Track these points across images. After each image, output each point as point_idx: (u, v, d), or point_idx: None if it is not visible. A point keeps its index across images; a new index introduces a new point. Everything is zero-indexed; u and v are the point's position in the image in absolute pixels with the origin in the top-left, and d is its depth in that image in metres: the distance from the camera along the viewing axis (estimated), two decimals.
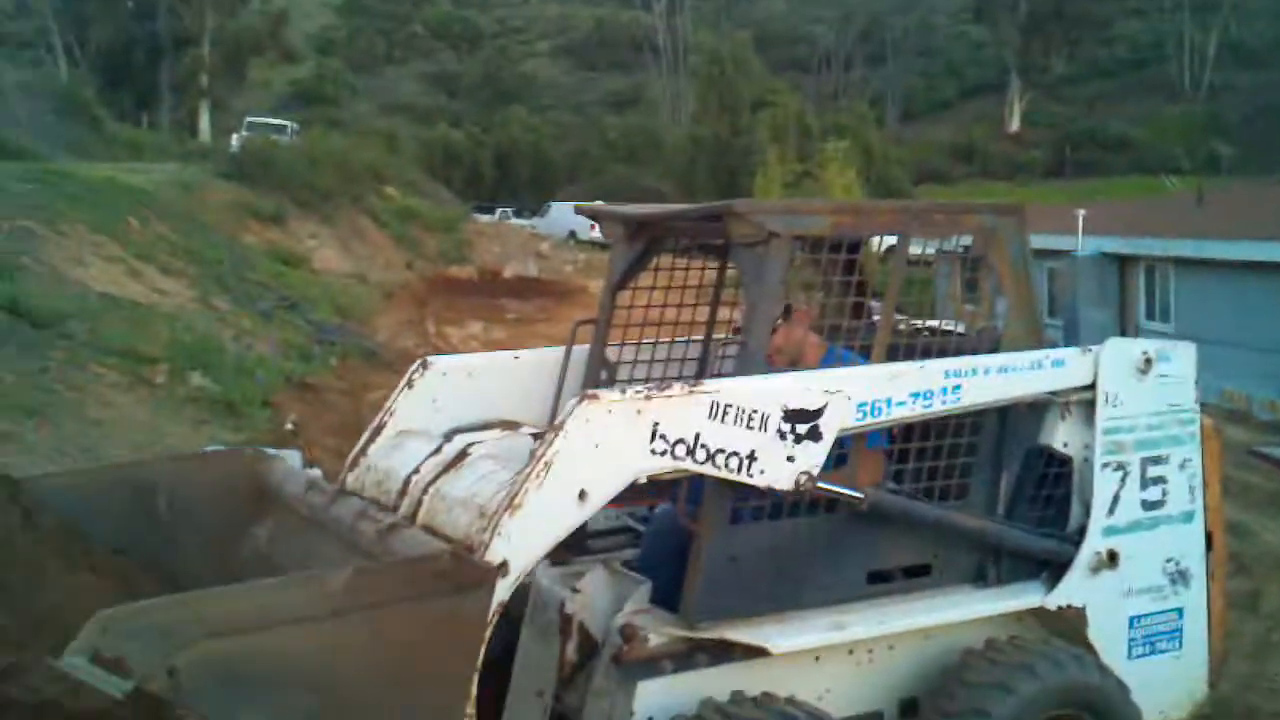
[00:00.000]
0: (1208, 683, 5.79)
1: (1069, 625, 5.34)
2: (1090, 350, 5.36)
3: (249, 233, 26.74)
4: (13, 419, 10.36)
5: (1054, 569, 5.36)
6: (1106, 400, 5.36)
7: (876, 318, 5.37)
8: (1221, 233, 21.40)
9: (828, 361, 5.15)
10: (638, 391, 4.22)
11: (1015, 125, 67.58)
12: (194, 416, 12.80)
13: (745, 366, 4.62)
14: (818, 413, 4.48)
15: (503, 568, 3.92)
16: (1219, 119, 62.61)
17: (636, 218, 5.27)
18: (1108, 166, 60.42)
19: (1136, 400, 5.45)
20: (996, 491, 5.23)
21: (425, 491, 4.51)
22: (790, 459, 4.44)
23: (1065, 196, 41.84)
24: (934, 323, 5.91)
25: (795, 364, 5.15)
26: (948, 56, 78.56)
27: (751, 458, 4.36)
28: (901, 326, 5.46)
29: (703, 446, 4.27)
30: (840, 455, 4.92)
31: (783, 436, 4.42)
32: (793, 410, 4.43)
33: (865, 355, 5.02)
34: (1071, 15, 65.54)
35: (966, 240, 5.19)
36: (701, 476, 4.65)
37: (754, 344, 4.60)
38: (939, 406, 4.85)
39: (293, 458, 9.94)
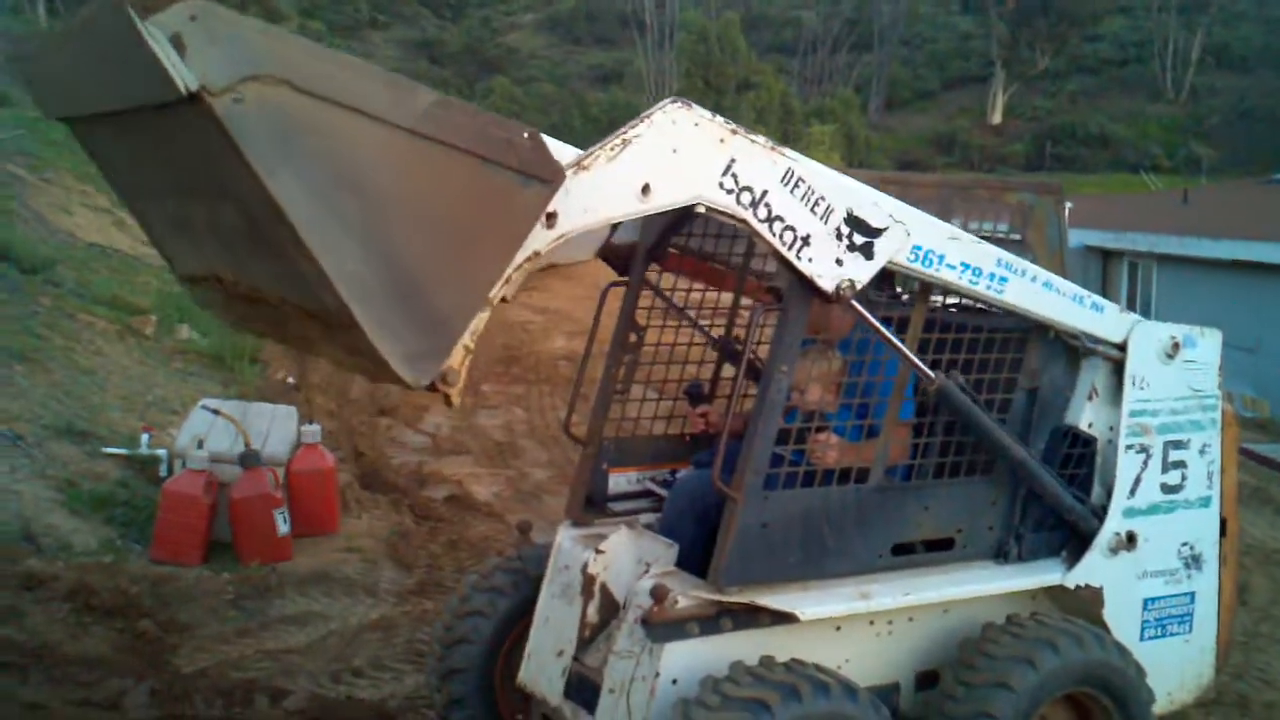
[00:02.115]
0: (1214, 668, 5.83)
1: (1085, 605, 5.36)
2: (1129, 313, 5.37)
3: None
4: (3, 363, 10.25)
5: (1072, 549, 5.38)
6: (1134, 383, 5.38)
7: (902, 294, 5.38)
8: (1206, 231, 21.54)
9: (856, 332, 5.13)
10: (725, 122, 4.15)
11: (997, 118, 67.68)
12: (183, 369, 12.72)
13: (785, 334, 4.57)
14: (877, 231, 4.46)
15: (551, 219, 3.75)
16: (1199, 120, 62.97)
17: None
18: (1087, 162, 60.65)
19: (1162, 384, 5.47)
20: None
21: None
22: (839, 262, 4.40)
23: None
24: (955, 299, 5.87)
25: (823, 333, 5.12)
26: (933, 46, 78.61)
27: (806, 241, 4.32)
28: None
29: (766, 205, 4.21)
30: (871, 428, 4.94)
31: (839, 237, 4.39)
32: (856, 217, 4.41)
33: (890, 325, 5.02)
34: (1059, 10, 65.48)
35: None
36: (738, 443, 4.64)
37: (795, 313, 4.55)
38: (983, 289, 4.84)
39: (290, 414, 9.94)
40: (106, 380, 11.17)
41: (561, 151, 3.82)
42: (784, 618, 4.64)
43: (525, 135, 3.52)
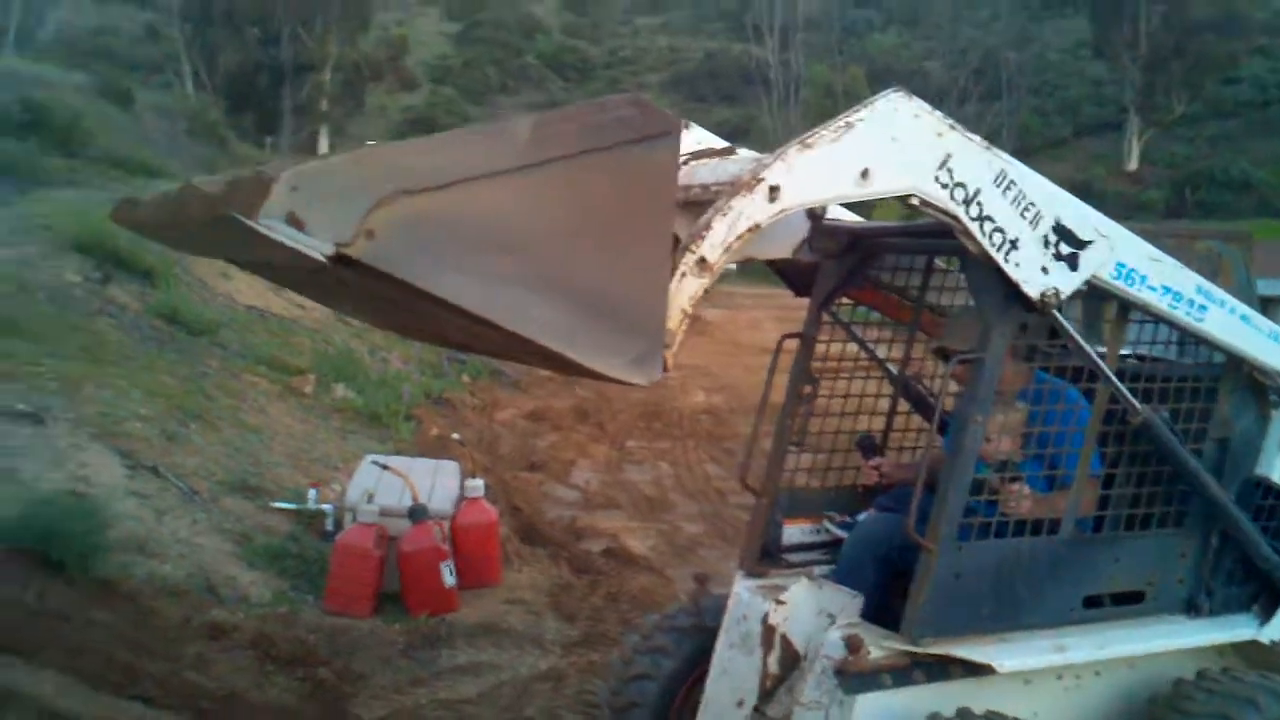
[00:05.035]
0: None
1: (1278, 661, 5.22)
2: None
3: None
4: (178, 420, 10.69)
5: (1264, 603, 5.24)
6: None
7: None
8: None
9: (1038, 382, 5.11)
10: (944, 117, 4.20)
11: (1133, 164, 66.31)
12: (341, 426, 13.08)
13: (979, 383, 4.57)
14: (1083, 243, 4.46)
15: (774, 191, 3.85)
16: None
17: (853, 231, 5.25)
18: (1229, 208, 58.85)
19: None
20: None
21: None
22: (1045, 270, 4.39)
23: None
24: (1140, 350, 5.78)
25: (1000, 385, 5.07)
26: (1064, 93, 77.50)
27: (1014, 245, 4.32)
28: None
29: (979, 204, 4.23)
30: (1059, 479, 4.90)
31: (1046, 244, 4.38)
32: (1064, 227, 4.41)
33: (1064, 378, 4.99)
34: (1194, 53, 64.18)
35: None
36: (929, 493, 4.64)
37: (991, 361, 4.54)
38: (1182, 314, 4.78)
39: (453, 468, 10.16)
40: (272, 438, 11.56)
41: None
42: (977, 669, 4.60)
43: (628, 105, 3.47)
